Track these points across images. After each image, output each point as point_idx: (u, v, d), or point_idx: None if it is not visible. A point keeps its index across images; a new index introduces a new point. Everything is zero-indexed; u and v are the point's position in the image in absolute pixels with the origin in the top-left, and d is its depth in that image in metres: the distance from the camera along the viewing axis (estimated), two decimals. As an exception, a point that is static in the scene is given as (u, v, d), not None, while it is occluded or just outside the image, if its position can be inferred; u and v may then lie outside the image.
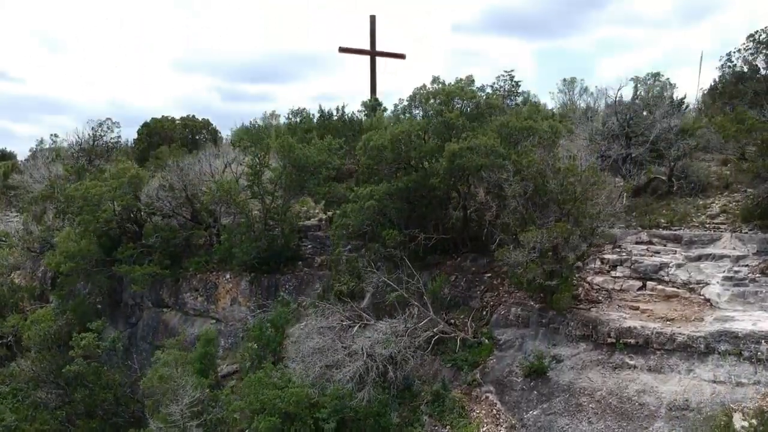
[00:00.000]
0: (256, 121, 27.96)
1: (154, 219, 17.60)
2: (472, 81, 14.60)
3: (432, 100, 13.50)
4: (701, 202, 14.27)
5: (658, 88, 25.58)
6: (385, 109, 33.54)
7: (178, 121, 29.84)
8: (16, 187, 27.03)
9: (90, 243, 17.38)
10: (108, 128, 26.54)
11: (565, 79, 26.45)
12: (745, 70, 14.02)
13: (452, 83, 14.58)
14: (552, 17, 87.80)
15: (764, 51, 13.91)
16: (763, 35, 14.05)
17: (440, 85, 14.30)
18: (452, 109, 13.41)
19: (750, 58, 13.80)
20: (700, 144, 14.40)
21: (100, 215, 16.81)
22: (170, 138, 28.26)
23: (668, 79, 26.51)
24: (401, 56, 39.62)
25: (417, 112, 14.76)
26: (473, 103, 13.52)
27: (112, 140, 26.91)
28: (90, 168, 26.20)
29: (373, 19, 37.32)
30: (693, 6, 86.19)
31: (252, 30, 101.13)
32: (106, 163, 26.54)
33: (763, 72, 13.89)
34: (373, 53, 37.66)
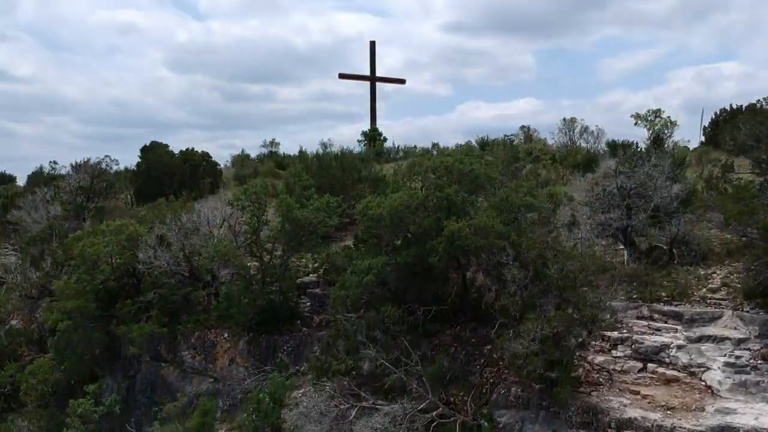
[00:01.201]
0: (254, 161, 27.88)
1: (152, 273, 17.48)
2: (471, 149, 14.53)
3: (431, 174, 13.39)
4: (702, 272, 14.16)
5: (658, 126, 25.58)
6: (384, 139, 33.68)
7: (177, 155, 29.86)
8: (14, 223, 26.93)
9: (87, 300, 17.30)
10: (107, 165, 26.53)
11: (564, 119, 26.55)
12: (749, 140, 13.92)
13: (452, 150, 14.52)
14: (552, 17, 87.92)
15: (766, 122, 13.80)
16: (765, 104, 13.95)
17: (439, 154, 14.22)
18: (451, 183, 13.33)
19: (756, 128, 13.67)
20: (700, 213, 14.33)
21: (98, 275, 16.73)
22: (170, 172, 28.25)
23: (669, 117, 26.72)
24: (401, 81, 39.87)
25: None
26: (472, 175, 13.40)
27: (111, 170, 26.92)
28: (89, 206, 26.19)
29: (372, 44, 37.49)
30: (694, 6, 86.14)
31: (253, 29, 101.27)
32: (104, 200, 26.52)
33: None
34: (372, 79, 37.84)
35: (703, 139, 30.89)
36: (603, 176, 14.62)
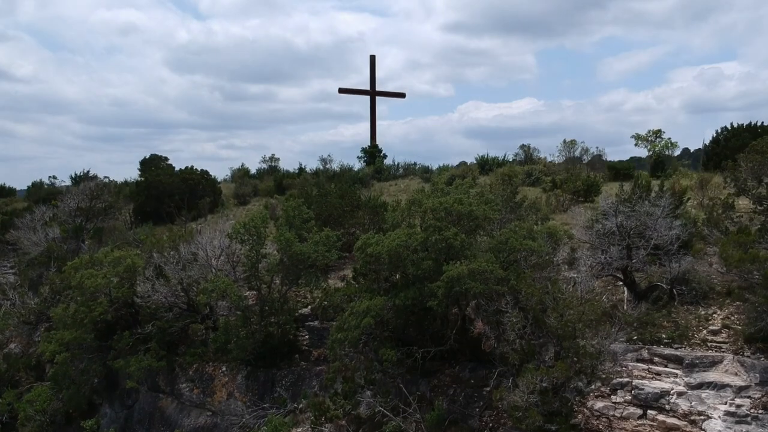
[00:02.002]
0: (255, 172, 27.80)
1: (150, 306, 17.41)
2: (471, 186, 14.46)
3: (430, 216, 13.31)
4: (703, 312, 14.06)
5: (659, 147, 25.51)
6: (384, 156, 33.60)
7: (176, 173, 29.81)
8: (13, 243, 26.87)
9: (85, 331, 17.24)
10: (105, 186, 26.44)
11: (565, 140, 26.50)
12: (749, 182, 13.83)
13: (451, 188, 14.45)
14: (553, 17, 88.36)
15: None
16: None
17: (439, 194, 14.15)
18: (450, 223, 13.25)
19: (757, 168, 13.56)
20: (701, 252, 14.26)
21: (96, 308, 16.67)
22: (169, 191, 28.19)
23: (669, 138, 26.66)
24: (401, 95, 39.81)
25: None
26: (471, 216, 13.33)
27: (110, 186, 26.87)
28: (87, 226, 26.14)
29: (372, 59, 37.45)
30: (695, 5, 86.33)
31: (253, 29, 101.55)
32: (103, 221, 26.47)
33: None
34: (373, 93, 37.78)
35: (704, 154, 30.87)
36: (602, 214, 14.52)
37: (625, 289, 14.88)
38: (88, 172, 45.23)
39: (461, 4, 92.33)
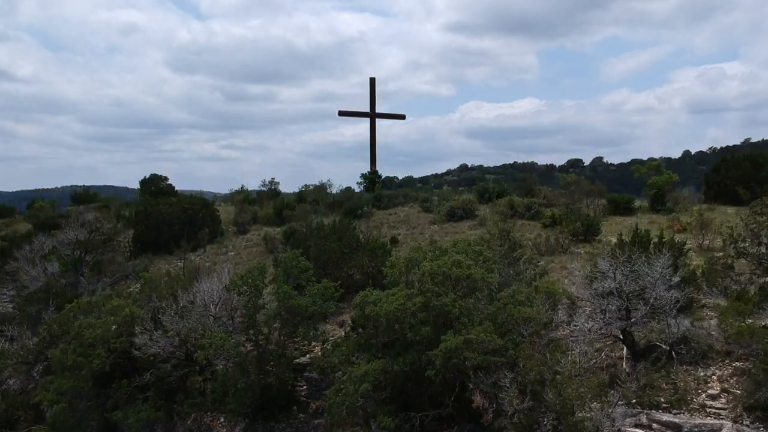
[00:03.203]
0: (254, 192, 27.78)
1: (148, 359, 17.36)
2: (468, 243, 14.43)
3: (428, 280, 13.28)
4: (702, 374, 14.02)
5: (659, 182, 25.42)
6: (383, 184, 33.57)
7: (174, 200, 29.78)
8: (12, 273, 26.87)
9: (83, 380, 17.21)
10: (104, 219, 26.44)
11: (567, 171, 26.39)
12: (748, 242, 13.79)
13: (451, 247, 14.42)
14: (555, 17, 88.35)
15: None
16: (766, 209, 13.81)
17: (436, 254, 14.13)
18: (448, 288, 13.23)
19: (756, 227, 13.52)
20: (700, 314, 14.23)
21: (94, 359, 16.64)
22: (169, 221, 28.18)
23: (670, 171, 26.57)
24: (401, 117, 39.82)
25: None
26: (469, 280, 13.30)
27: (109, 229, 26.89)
28: (87, 259, 26.14)
29: (372, 81, 37.43)
30: (697, 5, 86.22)
31: (254, 30, 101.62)
32: (102, 254, 26.47)
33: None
34: (372, 115, 37.79)
35: (704, 183, 30.86)
36: (601, 272, 14.47)
37: (625, 347, 14.86)
38: (88, 189, 45.39)
39: (462, 4, 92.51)
